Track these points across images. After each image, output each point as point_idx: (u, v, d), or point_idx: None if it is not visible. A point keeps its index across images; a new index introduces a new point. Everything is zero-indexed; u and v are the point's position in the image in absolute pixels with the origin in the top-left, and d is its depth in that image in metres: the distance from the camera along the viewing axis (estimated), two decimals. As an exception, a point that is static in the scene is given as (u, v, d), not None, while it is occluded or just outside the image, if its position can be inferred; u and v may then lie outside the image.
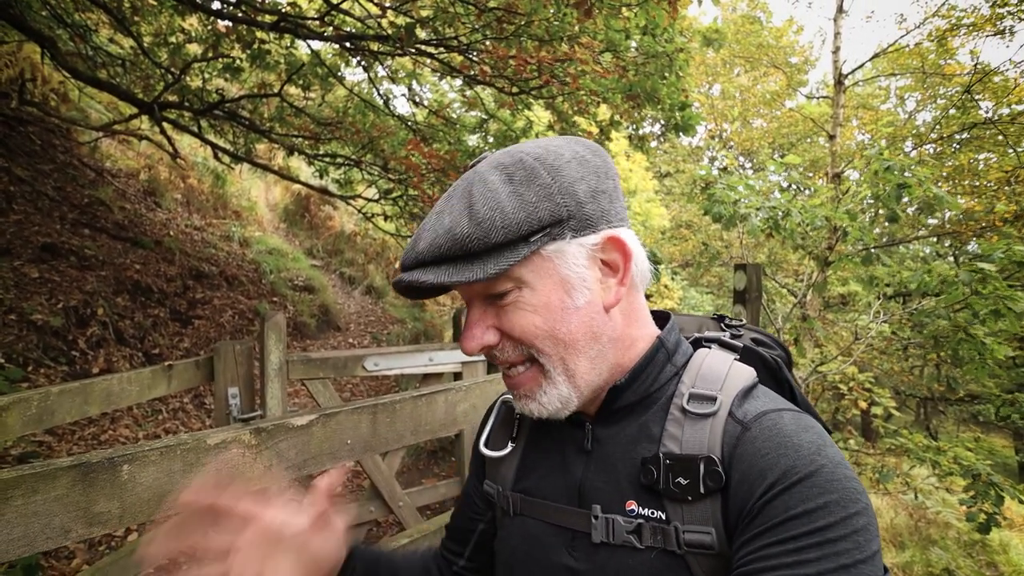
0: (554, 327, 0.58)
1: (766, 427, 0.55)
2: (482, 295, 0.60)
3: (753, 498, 0.51)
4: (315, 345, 6.41)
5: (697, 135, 6.50)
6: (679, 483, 0.55)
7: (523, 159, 0.58)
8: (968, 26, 8.69)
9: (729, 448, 0.55)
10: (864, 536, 0.48)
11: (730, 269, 3.17)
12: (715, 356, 0.64)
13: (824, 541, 0.47)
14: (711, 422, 0.57)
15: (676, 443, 0.57)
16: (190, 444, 0.97)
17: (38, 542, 0.79)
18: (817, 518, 0.48)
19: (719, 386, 0.59)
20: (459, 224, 0.55)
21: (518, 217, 0.55)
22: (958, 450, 3.52)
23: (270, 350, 2.55)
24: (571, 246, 0.58)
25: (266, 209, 9.00)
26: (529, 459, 0.70)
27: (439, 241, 0.55)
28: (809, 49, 16.41)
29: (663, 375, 0.63)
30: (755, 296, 2.64)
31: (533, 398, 0.61)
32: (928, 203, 3.43)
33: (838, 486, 0.49)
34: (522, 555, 0.66)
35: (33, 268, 4.09)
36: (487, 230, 0.54)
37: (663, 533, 0.55)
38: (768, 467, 0.52)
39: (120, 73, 5.48)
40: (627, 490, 0.59)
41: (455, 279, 0.54)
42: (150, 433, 3.93)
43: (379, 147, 5.33)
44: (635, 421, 0.62)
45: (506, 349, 0.61)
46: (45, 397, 1.71)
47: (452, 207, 0.57)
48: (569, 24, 4.02)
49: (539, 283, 0.58)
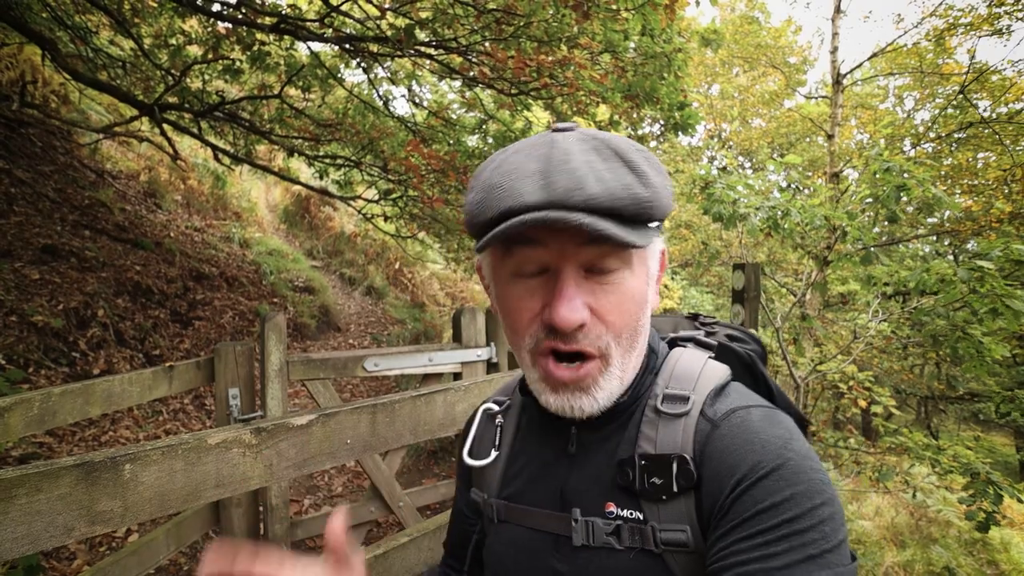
0: (639, 318, 0.58)
1: (735, 424, 0.55)
2: (583, 265, 0.55)
3: (723, 494, 0.52)
4: (315, 346, 6.42)
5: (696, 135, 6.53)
6: (654, 483, 0.55)
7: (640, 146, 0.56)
8: (965, 25, 8.70)
9: (700, 446, 0.55)
10: (830, 526, 0.48)
11: (730, 268, 3.18)
12: (689, 356, 0.64)
13: (791, 533, 0.48)
14: (683, 421, 0.57)
15: (651, 444, 0.57)
16: (191, 444, 0.98)
17: (42, 540, 0.80)
18: (784, 510, 0.49)
19: (692, 386, 0.60)
20: (635, 186, 0.52)
21: (667, 201, 0.55)
22: (958, 448, 3.53)
23: (270, 351, 2.55)
24: (656, 244, 0.59)
25: (266, 210, 9.02)
26: (513, 466, 0.69)
27: (619, 194, 0.51)
28: (807, 49, 16.40)
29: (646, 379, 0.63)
30: (754, 295, 2.65)
31: (588, 392, 0.57)
32: (927, 203, 3.44)
33: (803, 478, 0.50)
34: (510, 561, 0.66)
35: (34, 270, 4.10)
36: (658, 200, 0.53)
37: (641, 533, 0.56)
38: (736, 463, 0.52)
39: (120, 75, 5.49)
40: (606, 492, 0.59)
41: (630, 239, 0.50)
42: (151, 434, 3.94)
43: (379, 148, 5.34)
44: (618, 424, 0.61)
45: (590, 334, 0.55)
46: (47, 398, 1.72)
47: (610, 167, 0.52)
48: (568, 25, 4.04)
49: (639, 270, 0.57)
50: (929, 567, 4.71)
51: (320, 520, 2.83)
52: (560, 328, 0.54)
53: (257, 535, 2.62)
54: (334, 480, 4.44)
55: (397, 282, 9.29)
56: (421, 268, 9.93)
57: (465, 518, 0.78)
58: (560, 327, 0.54)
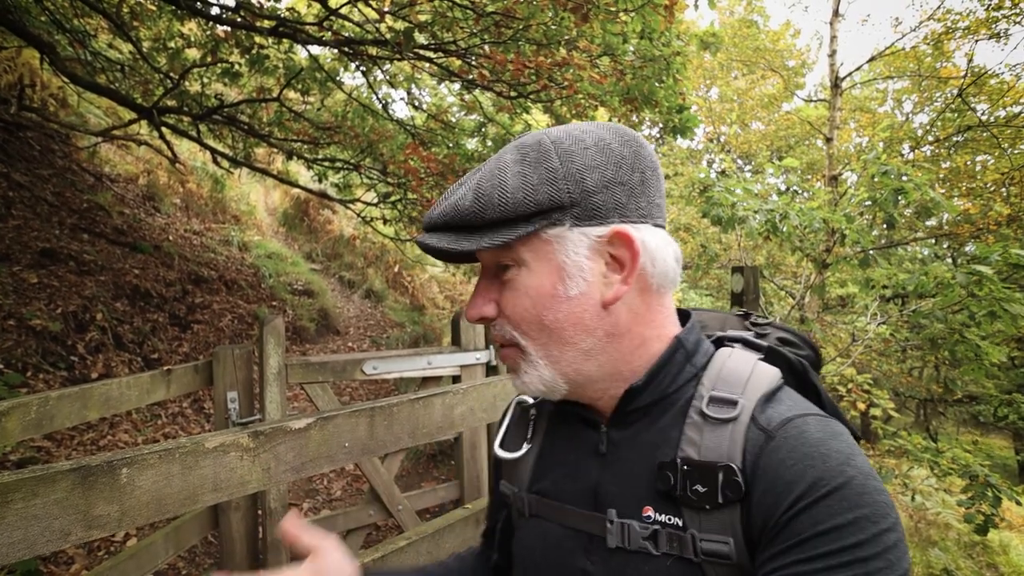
0: (541, 313, 0.58)
1: (792, 435, 0.52)
2: (490, 266, 0.62)
3: (779, 511, 0.49)
4: (314, 349, 6.41)
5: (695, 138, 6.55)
6: (696, 491, 0.53)
7: (542, 140, 0.58)
8: (963, 29, 8.74)
9: (752, 457, 0.53)
10: (895, 554, 0.46)
11: (729, 271, 3.18)
12: (737, 357, 0.61)
13: (854, 560, 0.45)
14: (732, 428, 0.54)
15: (695, 448, 0.55)
16: (188, 447, 0.97)
17: (38, 545, 0.80)
18: (847, 535, 0.46)
19: (741, 389, 0.57)
20: (464, 198, 0.58)
21: (516, 197, 0.55)
22: (957, 451, 3.53)
23: (269, 354, 2.55)
24: (572, 234, 0.57)
25: (265, 213, 9.02)
26: (544, 460, 0.69)
27: (447, 211, 0.59)
28: (806, 52, 16.46)
29: (682, 376, 0.60)
30: (752, 298, 2.65)
31: (517, 374, 0.63)
32: (925, 206, 3.45)
33: (868, 500, 0.47)
34: (539, 557, 0.65)
35: (32, 273, 4.10)
36: (484, 206, 0.56)
37: (679, 540, 0.54)
38: (794, 479, 0.50)
39: (119, 78, 5.49)
40: (644, 495, 0.57)
41: (451, 246, 0.58)
42: (149, 438, 3.93)
43: (378, 151, 5.35)
44: (652, 424, 0.60)
45: (498, 325, 0.62)
46: (44, 402, 1.71)
47: (468, 179, 0.60)
48: (567, 28, 4.05)
49: (536, 266, 0.58)
50: (928, 570, 4.70)
51: (319, 523, 2.82)
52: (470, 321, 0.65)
53: (256, 539, 2.61)
54: (333, 484, 4.43)
55: (396, 285, 9.28)
56: (420, 271, 9.93)
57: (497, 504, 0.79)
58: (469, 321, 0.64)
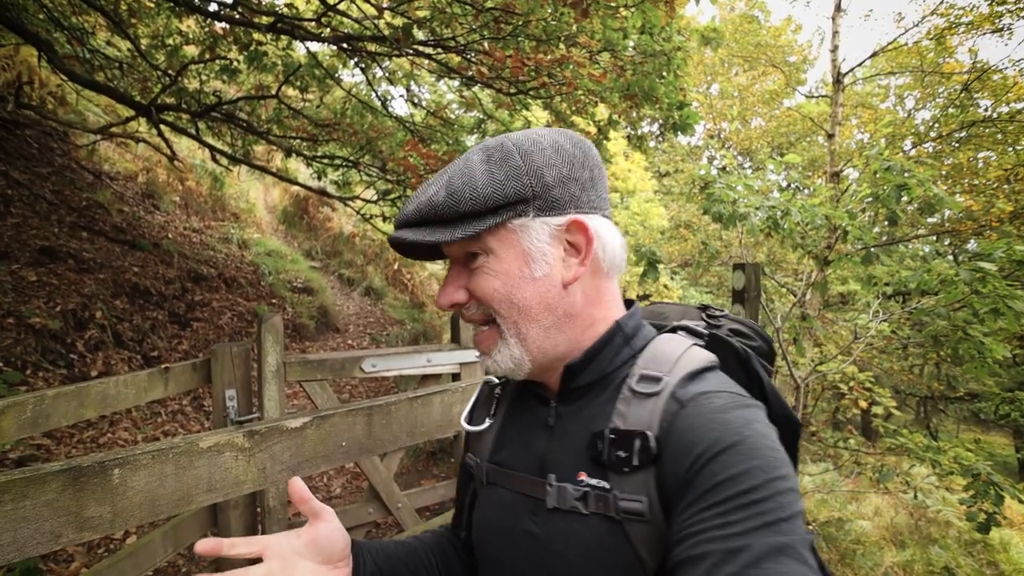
0: (511, 292, 0.65)
1: (700, 404, 0.59)
2: (459, 257, 0.68)
3: (683, 469, 0.55)
4: (314, 346, 6.40)
5: (696, 134, 6.49)
6: (619, 456, 0.60)
7: (504, 143, 0.66)
8: (967, 24, 8.69)
9: (666, 425, 0.59)
10: (786, 498, 0.51)
11: (730, 268, 3.16)
12: (672, 341, 0.68)
13: (748, 503, 0.50)
14: (654, 401, 0.61)
15: (622, 419, 0.62)
16: (182, 447, 0.96)
17: (28, 547, 0.79)
18: (740, 482, 0.51)
19: (668, 368, 0.63)
20: (438, 194, 0.63)
21: (485, 192, 0.62)
22: (958, 450, 3.52)
23: (267, 352, 2.54)
24: (535, 223, 0.64)
25: (264, 211, 9.00)
26: (504, 434, 0.76)
27: (422, 207, 0.64)
28: (807, 48, 16.38)
29: (619, 357, 0.67)
30: (754, 295, 2.63)
31: (489, 355, 0.68)
32: (928, 203, 3.42)
33: (760, 454, 0.53)
34: (492, 521, 0.72)
35: (31, 271, 4.09)
36: (457, 200, 0.62)
37: (604, 501, 0.60)
38: (697, 440, 0.56)
39: (117, 76, 5.47)
40: (580, 462, 0.64)
41: (427, 239, 0.63)
42: (149, 436, 3.92)
43: (377, 148, 5.32)
44: (594, 400, 0.66)
45: (471, 308, 0.68)
46: (40, 400, 1.70)
47: (438, 179, 0.66)
48: (567, 24, 4.02)
49: (503, 252, 0.65)
50: (929, 567, 4.69)
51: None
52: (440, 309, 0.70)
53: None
54: (333, 481, 4.42)
55: (396, 282, 9.27)
56: (420, 268, 9.91)
57: (464, 479, 0.85)
58: (440, 308, 0.70)
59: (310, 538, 0.68)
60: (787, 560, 0.47)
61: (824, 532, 5.31)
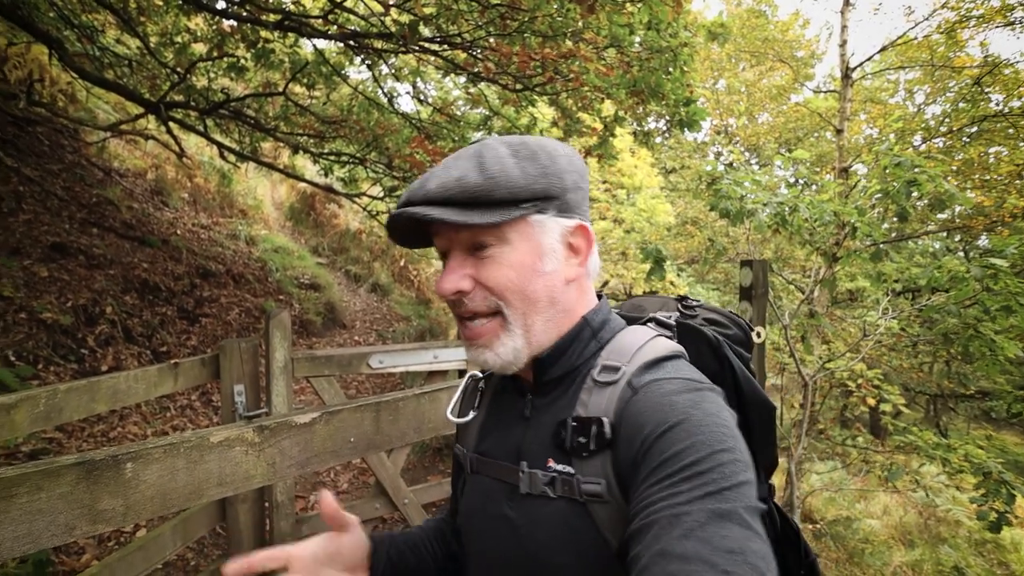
0: (524, 284, 0.66)
1: (651, 390, 0.62)
2: (465, 245, 0.67)
3: (634, 450, 0.59)
4: (321, 342, 6.43)
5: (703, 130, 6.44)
6: (579, 441, 0.63)
7: (527, 142, 0.68)
8: (978, 18, 8.57)
9: (620, 410, 0.62)
10: (730, 468, 0.53)
11: (736, 265, 3.15)
12: (636, 332, 0.72)
13: (692, 474, 0.52)
14: (611, 389, 0.65)
15: (584, 408, 0.65)
16: (193, 442, 0.97)
17: (43, 539, 0.80)
18: (685, 456, 0.54)
19: (628, 359, 0.67)
20: (469, 176, 0.63)
21: (520, 183, 0.64)
22: (969, 448, 3.48)
23: (275, 348, 2.55)
24: (551, 221, 0.67)
25: (272, 207, 9.04)
26: (487, 425, 0.79)
27: (449, 185, 0.63)
28: (815, 43, 16.22)
29: (587, 350, 0.70)
30: (761, 292, 2.62)
31: (490, 348, 0.68)
32: (939, 198, 3.39)
33: (704, 430, 0.55)
34: (476, 508, 0.75)
35: (43, 267, 4.13)
36: (494, 185, 0.63)
37: (569, 484, 0.63)
38: (646, 422, 0.59)
39: (127, 73, 5.50)
40: (548, 449, 0.67)
41: (456, 218, 0.62)
42: (158, 430, 3.96)
43: (383, 145, 5.33)
44: (565, 392, 0.70)
45: (475, 298, 0.68)
46: (52, 395, 1.72)
47: (460, 164, 0.66)
48: (573, 20, 4.00)
49: (519, 243, 0.66)
50: (938, 567, 4.66)
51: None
52: (441, 296, 0.68)
53: (263, 531, 2.62)
54: (340, 477, 4.45)
55: (402, 279, 9.29)
56: (426, 264, 9.93)
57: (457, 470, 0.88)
58: (440, 295, 0.69)
59: (335, 549, 0.71)
60: (730, 525, 0.49)
61: (832, 531, 5.29)
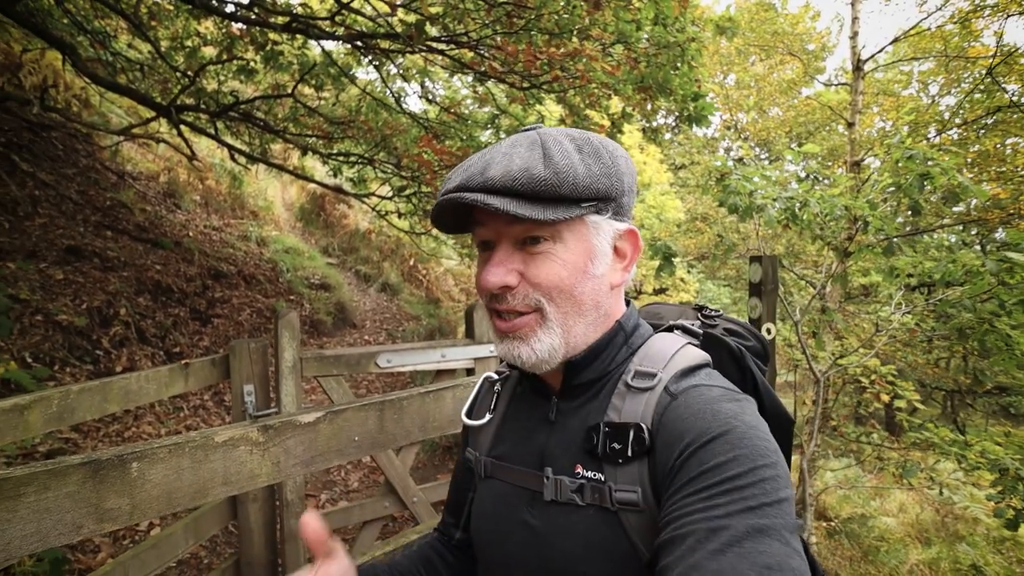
0: (574, 284, 0.64)
1: (691, 396, 0.60)
2: (516, 238, 0.65)
3: (673, 458, 0.57)
4: (332, 342, 6.48)
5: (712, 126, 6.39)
6: (613, 448, 0.61)
7: (591, 138, 0.66)
8: (992, 7, 8.41)
9: (658, 416, 0.61)
10: (771, 485, 0.51)
11: (747, 261, 3.12)
12: (667, 339, 0.70)
13: (732, 488, 0.51)
14: (648, 395, 0.63)
15: (617, 413, 0.64)
16: (198, 441, 0.98)
17: (51, 538, 0.81)
18: (726, 469, 0.52)
19: (663, 365, 0.65)
20: (536, 167, 0.60)
21: (585, 181, 0.61)
22: (986, 444, 3.42)
23: (284, 348, 2.58)
24: (606, 223, 0.66)
25: (282, 208, 9.11)
26: (504, 429, 0.77)
27: (515, 175, 0.60)
28: (826, 35, 16.02)
29: (620, 356, 0.69)
30: (771, 288, 2.59)
31: (526, 341, 0.65)
32: (953, 192, 3.33)
33: (748, 443, 0.54)
34: (491, 513, 0.73)
35: (58, 270, 4.20)
36: (561, 180, 0.60)
37: (600, 492, 0.61)
38: (687, 430, 0.57)
39: (138, 77, 5.57)
40: (576, 455, 0.65)
41: (523, 212, 0.59)
42: (172, 430, 4.01)
43: (392, 145, 5.35)
44: (595, 397, 0.68)
45: (518, 295, 0.65)
46: (65, 396, 1.75)
47: (521, 153, 0.62)
48: (579, 17, 3.98)
49: (573, 243, 0.64)
50: (955, 565, 4.60)
51: (336, 515, 2.85)
52: (484, 289, 0.66)
53: (274, 530, 2.65)
54: (350, 475, 4.48)
55: (411, 278, 9.33)
56: (435, 264, 9.95)
57: (464, 476, 0.86)
58: (483, 289, 0.66)
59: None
60: (769, 540, 0.48)
61: (846, 528, 5.24)
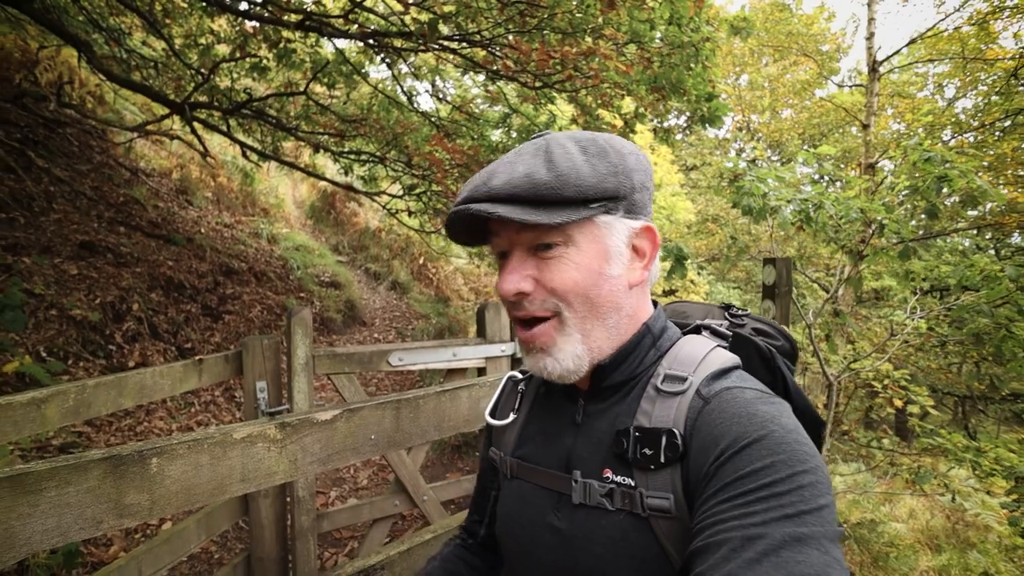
0: (589, 287, 0.63)
1: (725, 399, 0.59)
2: (528, 245, 0.64)
3: (708, 463, 0.55)
4: (342, 340, 6.50)
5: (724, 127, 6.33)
6: (645, 453, 0.60)
7: (596, 139, 0.65)
8: (1012, 8, 8.29)
9: (691, 421, 0.59)
10: (810, 491, 0.50)
11: (758, 263, 3.10)
12: (696, 341, 0.69)
13: (770, 495, 0.50)
14: (679, 399, 0.62)
15: (647, 418, 0.62)
16: (217, 438, 0.98)
17: (71, 532, 0.81)
18: (764, 475, 0.51)
19: (693, 368, 0.64)
20: (538, 172, 0.60)
21: (590, 182, 0.61)
22: (1000, 451, 3.38)
23: (296, 345, 2.58)
24: (619, 222, 0.65)
25: (293, 206, 9.16)
26: (528, 429, 0.76)
27: (517, 182, 0.60)
28: (841, 36, 15.87)
29: (648, 358, 0.68)
30: (785, 291, 2.57)
31: (548, 353, 0.65)
32: (970, 195, 3.28)
33: (786, 448, 0.52)
34: (515, 514, 0.72)
35: (72, 265, 4.24)
36: (563, 183, 0.60)
37: (630, 497, 0.60)
38: (722, 434, 0.56)
39: (153, 75, 5.62)
40: (605, 459, 0.64)
41: (527, 218, 0.59)
42: (183, 425, 4.04)
43: (403, 143, 5.35)
44: (623, 399, 0.67)
45: (535, 300, 0.65)
46: (81, 390, 1.76)
47: (526, 160, 0.62)
48: (593, 16, 3.97)
49: (585, 245, 0.63)
50: (967, 572, 4.54)
51: (346, 512, 2.86)
52: (503, 298, 0.66)
53: (285, 526, 2.66)
54: (360, 473, 4.49)
55: (421, 277, 9.34)
56: (445, 263, 9.96)
57: (488, 474, 0.86)
58: (502, 297, 0.66)
59: None
60: (808, 550, 0.46)
61: (856, 534, 5.18)
